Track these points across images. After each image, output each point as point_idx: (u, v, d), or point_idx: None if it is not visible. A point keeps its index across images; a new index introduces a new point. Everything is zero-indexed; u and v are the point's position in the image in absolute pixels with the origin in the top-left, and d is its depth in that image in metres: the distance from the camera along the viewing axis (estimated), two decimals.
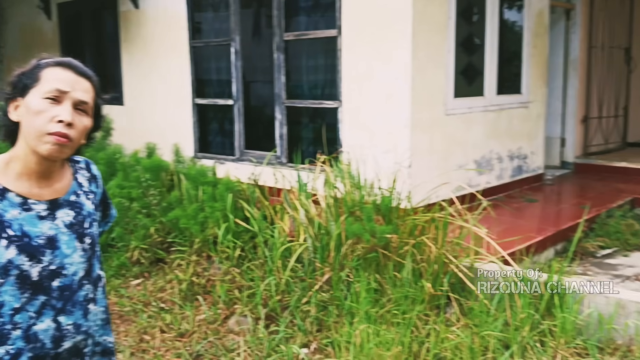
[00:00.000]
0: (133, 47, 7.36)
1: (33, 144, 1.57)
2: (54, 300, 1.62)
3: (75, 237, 1.67)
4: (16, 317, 1.57)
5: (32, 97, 1.57)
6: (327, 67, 5.59)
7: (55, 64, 1.61)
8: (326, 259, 3.99)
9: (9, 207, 1.57)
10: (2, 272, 1.54)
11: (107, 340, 1.86)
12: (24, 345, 1.59)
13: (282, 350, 3.39)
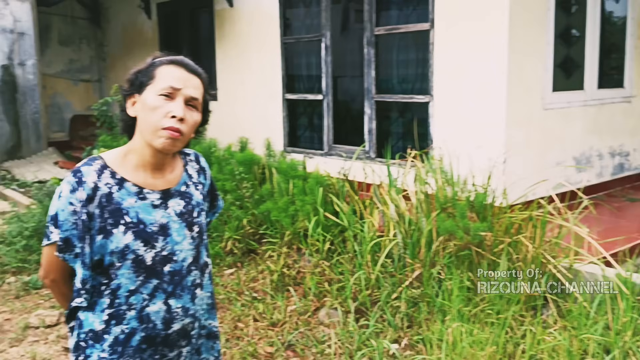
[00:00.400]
0: (227, 44, 7.58)
1: (148, 138, 1.66)
2: (165, 284, 1.71)
3: (185, 226, 1.75)
4: (131, 298, 1.68)
5: (148, 94, 1.66)
6: (419, 61, 5.52)
7: (169, 62, 1.70)
8: (417, 255, 3.95)
9: (127, 195, 1.67)
10: (120, 256, 1.65)
11: (212, 324, 1.93)
12: (138, 325, 1.69)
13: (372, 344, 3.39)
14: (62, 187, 1.65)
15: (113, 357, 1.68)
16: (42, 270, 1.75)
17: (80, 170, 1.65)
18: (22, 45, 9.52)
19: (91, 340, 1.69)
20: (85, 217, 1.61)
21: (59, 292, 1.78)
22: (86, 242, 1.62)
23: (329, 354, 3.41)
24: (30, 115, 9.68)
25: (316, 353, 3.44)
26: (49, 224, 1.66)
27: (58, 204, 1.64)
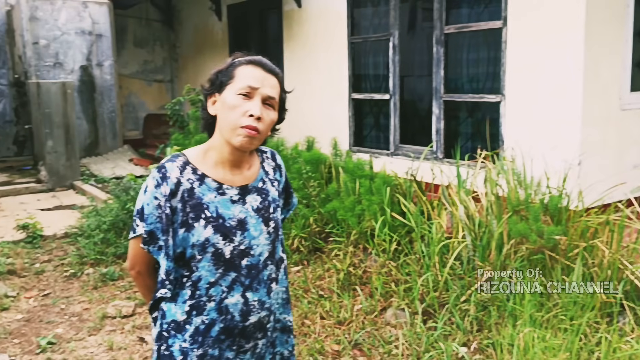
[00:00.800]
0: (294, 45, 7.67)
1: (227, 136, 1.72)
2: (242, 277, 1.76)
3: (261, 221, 1.80)
4: (211, 290, 1.74)
5: (227, 93, 1.72)
6: (490, 60, 5.41)
7: (247, 62, 1.76)
8: (487, 258, 3.88)
9: (207, 191, 1.74)
10: (200, 249, 1.71)
11: (287, 318, 1.97)
12: (217, 316, 1.75)
13: (440, 347, 3.36)
14: (147, 182, 1.73)
15: (194, 347, 1.74)
16: (129, 262, 1.84)
17: (165, 166, 1.72)
18: (99, 46, 9.96)
19: (173, 331, 1.76)
20: (168, 210, 1.68)
21: (143, 283, 1.86)
22: (169, 235, 1.69)
23: (396, 354, 3.40)
24: (107, 114, 10.11)
25: (383, 353, 3.44)
26: (135, 217, 1.74)
27: (144, 198, 1.72)
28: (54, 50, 9.60)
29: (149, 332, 3.97)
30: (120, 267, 5.13)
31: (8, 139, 10.04)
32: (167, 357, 1.77)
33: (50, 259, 5.46)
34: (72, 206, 7.33)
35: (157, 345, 1.80)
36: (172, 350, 1.76)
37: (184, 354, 1.75)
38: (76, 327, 4.10)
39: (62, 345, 3.84)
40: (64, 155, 8.49)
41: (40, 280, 4.98)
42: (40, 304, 4.52)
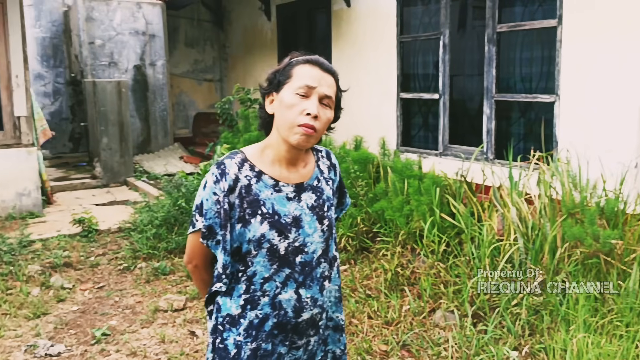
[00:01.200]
0: (343, 44, 7.68)
1: (284, 134, 1.74)
2: (296, 274, 1.78)
3: (316, 219, 1.82)
4: (265, 285, 1.77)
5: (285, 92, 1.75)
6: (544, 59, 5.29)
7: (305, 62, 1.78)
8: (539, 261, 3.80)
9: (264, 188, 1.77)
10: (256, 245, 1.74)
11: (339, 317, 1.98)
12: (270, 311, 1.78)
13: (490, 350, 3.32)
14: (207, 178, 1.76)
15: (247, 341, 1.77)
16: (187, 256, 1.88)
17: (224, 163, 1.76)
18: (153, 46, 10.20)
19: (228, 324, 1.80)
20: (226, 206, 1.72)
21: (200, 277, 1.90)
22: (227, 230, 1.73)
23: (445, 356, 3.37)
24: (159, 113, 10.35)
25: (432, 355, 3.42)
26: (195, 212, 1.79)
27: (203, 194, 1.76)
28: (109, 50, 9.89)
29: (199, 326, 4.06)
30: (171, 262, 5.25)
31: (64, 136, 10.40)
32: (221, 350, 1.80)
33: (104, 253, 5.64)
34: (126, 202, 7.54)
35: (213, 338, 1.84)
36: (227, 343, 1.79)
37: (238, 348, 1.78)
38: (129, 320, 4.22)
39: (115, 336, 3.96)
40: (118, 152, 8.74)
41: (95, 273, 5.15)
42: (95, 296, 4.67)
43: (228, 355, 1.79)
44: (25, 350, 3.75)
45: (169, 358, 3.63)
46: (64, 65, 10.39)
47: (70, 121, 10.46)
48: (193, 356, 3.64)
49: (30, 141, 6.95)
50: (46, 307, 4.39)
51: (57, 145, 10.20)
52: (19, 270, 4.97)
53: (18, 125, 6.89)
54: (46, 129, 7.56)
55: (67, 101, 10.43)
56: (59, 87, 10.36)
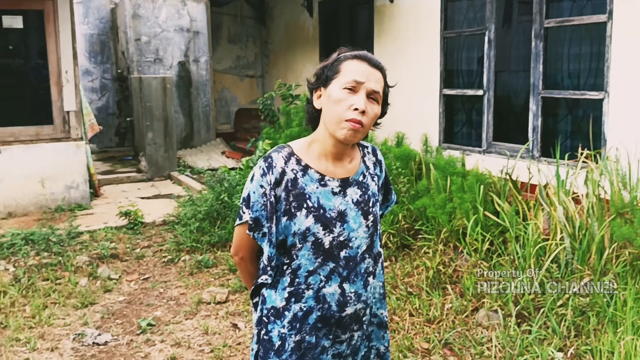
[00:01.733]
0: (385, 40, 7.64)
1: (332, 129, 1.75)
2: (340, 268, 1.79)
3: (361, 214, 1.82)
4: (310, 278, 1.78)
5: (333, 88, 1.75)
6: (592, 55, 5.16)
7: (353, 57, 1.78)
8: (586, 261, 3.72)
9: (309, 182, 1.78)
10: (301, 238, 1.75)
11: (383, 314, 1.98)
12: (314, 304, 1.79)
13: (535, 351, 3.26)
14: (254, 171, 1.78)
15: (292, 333, 1.79)
16: (233, 248, 1.91)
17: (271, 156, 1.78)
18: (197, 43, 10.35)
19: (273, 317, 1.81)
20: (273, 199, 1.74)
21: (246, 269, 1.93)
22: (273, 222, 1.74)
23: (488, 356, 3.34)
24: (202, 108, 10.51)
25: (475, 354, 3.38)
26: (242, 205, 1.81)
27: (250, 186, 1.78)
28: (154, 46, 10.08)
29: (241, 319, 4.11)
30: (214, 255, 5.33)
31: (111, 131, 10.66)
32: (266, 342, 1.82)
33: (149, 245, 5.76)
34: (169, 195, 7.69)
35: (258, 330, 1.86)
36: (272, 335, 1.81)
37: (282, 340, 1.79)
38: (173, 311, 4.31)
39: (160, 327, 4.05)
40: (162, 146, 8.92)
41: (140, 265, 5.27)
42: (140, 287, 4.78)
43: (272, 347, 1.80)
44: (73, 338, 3.87)
45: (212, 349, 3.69)
46: (111, 61, 10.64)
47: (116, 116, 10.71)
48: (236, 348, 3.70)
49: (79, 135, 7.14)
50: (93, 297, 4.52)
51: (103, 139, 10.47)
52: (68, 261, 5.13)
53: (67, 120, 7.10)
54: (94, 124, 7.76)
55: (113, 96, 10.68)
56: (106, 83, 10.62)
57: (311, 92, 1.86)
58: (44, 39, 6.95)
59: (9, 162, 6.64)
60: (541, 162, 5.29)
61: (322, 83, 1.80)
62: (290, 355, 1.79)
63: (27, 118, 7.10)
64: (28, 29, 7.03)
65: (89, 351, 3.73)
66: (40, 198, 6.82)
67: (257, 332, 1.86)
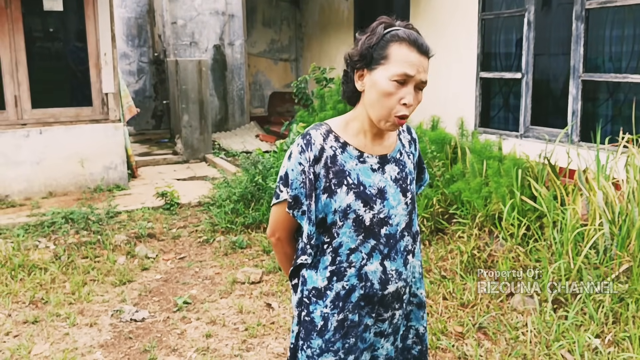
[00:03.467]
0: (421, 21, 7.54)
1: (376, 118, 1.71)
2: (381, 246, 1.77)
3: (399, 191, 1.80)
4: (351, 256, 1.76)
5: (381, 77, 1.66)
6: (635, 38, 5.00)
7: (402, 40, 1.67)
8: (626, 248, 3.64)
9: (349, 158, 1.75)
10: (342, 215, 1.73)
11: (422, 293, 1.98)
12: (357, 282, 1.77)
13: (571, 337, 3.22)
14: (292, 149, 1.76)
15: (334, 312, 1.77)
16: (270, 229, 1.88)
17: (310, 133, 1.75)
18: (231, 26, 10.39)
19: (314, 297, 1.79)
20: (312, 176, 1.71)
21: (282, 250, 1.90)
22: (312, 200, 1.71)
23: (523, 340, 3.31)
24: (236, 92, 10.57)
25: (509, 339, 3.36)
26: (279, 183, 1.78)
27: (288, 164, 1.75)
28: (190, 29, 10.16)
29: (275, 299, 4.16)
30: (248, 236, 5.39)
31: (147, 113, 10.81)
32: (308, 323, 1.80)
33: (185, 225, 5.85)
34: (205, 177, 7.79)
35: (298, 311, 1.85)
36: (313, 316, 1.79)
37: (325, 319, 1.77)
38: (209, 290, 4.38)
39: (196, 305, 4.12)
40: (198, 129, 9.01)
41: (176, 245, 5.36)
42: (177, 266, 4.87)
43: (315, 328, 1.79)
44: (112, 315, 3.97)
45: (246, 328, 3.75)
46: (147, 44, 10.76)
47: (153, 99, 10.86)
48: (270, 327, 3.75)
49: (117, 117, 7.27)
50: (131, 275, 4.62)
51: (140, 122, 10.63)
52: (106, 240, 5.25)
53: (106, 102, 7.23)
54: (131, 106, 7.89)
55: (150, 79, 10.82)
56: (143, 66, 10.76)
57: (353, 70, 1.76)
58: (83, 21, 7.06)
59: (49, 142, 6.81)
60: (581, 146, 5.17)
61: (367, 65, 1.70)
62: (334, 335, 1.77)
63: (67, 100, 7.26)
64: (67, 11, 7.15)
65: (127, 327, 3.82)
66: (80, 178, 6.98)
67: (298, 314, 1.84)
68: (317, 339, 1.78)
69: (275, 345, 3.54)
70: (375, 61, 1.68)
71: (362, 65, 1.72)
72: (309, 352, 1.79)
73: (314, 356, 1.79)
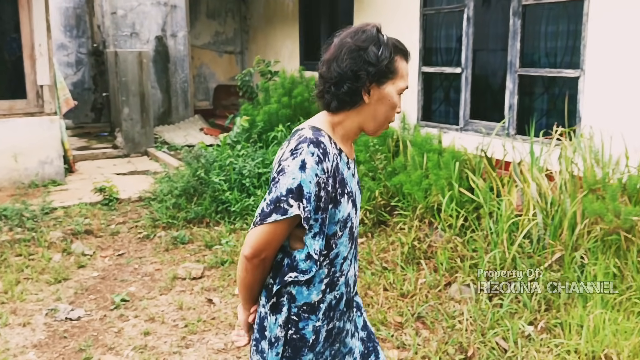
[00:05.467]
0: (365, 16, 7.58)
1: (373, 128, 1.71)
2: (354, 250, 1.79)
3: (360, 194, 1.81)
4: (344, 265, 1.74)
5: (390, 92, 1.68)
6: (569, 34, 5.17)
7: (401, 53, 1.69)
8: (558, 237, 3.77)
9: (344, 165, 1.69)
10: (343, 225, 1.68)
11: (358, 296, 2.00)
12: (344, 290, 1.77)
13: (505, 324, 3.31)
14: (304, 158, 1.56)
15: (324, 323, 1.72)
16: (254, 249, 1.61)
17: (322, 141, 1.60)
18: (174, 17, 10.18)
19: (305, 313, 1.68)
20: (329, 188, 1.60)
21: (263, 271, 1.69)
22: (327, 213, 1.62)
23: (459, 329, 3.38)
24: (179, 84, 10.38)
25: (447, 327, 3.43)
26: (286, 197, 1.56)
27: (302, 175, 1.55)
28: (130, 20, 9.90)
29: (216, 294, 4.11)
30: (190, 231, 5.30)
31: (86, 106, 10.49)
32: (297, 341, 1.69)
33: (124, 221, 5.71)
34: (146, 172, 7.62)
35: (284, 332, 1.69)
36: (304, 332, 1.69)
37: (316, 333, 1.70)
38: (148, 286, 4.29)
39: (134, 302, 4.03)
40: (139, 122, 8.80)
41: (115, 241, 5.23)
42: (115, 263, 4.74)
43: (306, 344, 1.69)
44: (46, 313, 3.84)
45: (186, 324, 3.69)
46: (86, 35, 10.43)
47: (92, 91, 10.54)
48: (210, 323, 3.70)
49: (53, 110, 7.02)
50: (67, 273, 4.48)
51: (79, 115, 10.30)
52: (41, 237, 5.07)
53: (41, 94, 6.96)
54: (69, 98, 7.63)
55: (89, 71, 10.50)
56: (81, 57, 10.42)
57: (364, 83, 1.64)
58: (17, 11, 6.77)
59: None
60: (516, 139, 5.32)
61: (376, 80, 1.64)
62: (323, 345, 1.72)
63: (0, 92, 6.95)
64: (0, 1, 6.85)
65: (62, 326, 3.70)
66: (14, 173, 6.70)
67: (284, 334, 1.69)
68: (309, 354, 1.70)
69: (215, 341, 3.50)
70: (385, 75, 1.65)
71: (372, 80, 1.64)
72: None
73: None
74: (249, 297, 1.75)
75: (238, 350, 3.40)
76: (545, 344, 3.14)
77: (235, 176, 5.72)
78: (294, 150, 1.57)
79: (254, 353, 1.75)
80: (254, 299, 1.76)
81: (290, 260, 1.65)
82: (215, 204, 5.59)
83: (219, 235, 5.16)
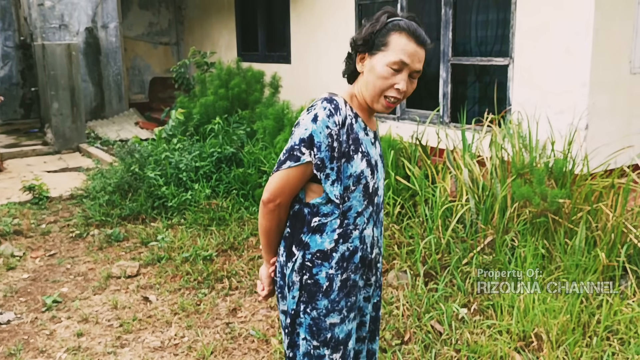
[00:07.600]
0: (301, 7, 7.55)
1: (369, 99, 1.82)
2: (374, 213, 1.91)
3: (382, 166, 1.97)
4: (358, 219, 1.86)
5: (379, 62, 1.77)
6: (499, 22, 5.31)
7: (402, 30, 1.76)
8: (489, 221, 3.87)
9: (360, 129, 1.84)
10: (356, 180, 1.81)
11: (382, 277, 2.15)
12: (358, 244, 1.88)
13: (440, 308, 3.38)
14: (316, 112, 1.74)
15: (338, 272, 1.84)
16: (271, 194, 1.80)
17: (335, 99, 1.78)
18: (105, 8, 9.85)
19: (319, 260, 1.83)
20: (342, 138, 1.76)
21: (278, 217, 1.85)
22: (341, 162, 1.77)
23: (396, 314, 3.43)
24: (112, 77, 10.07)
25: (384, 314, 3.47)
26: (298, 146, 1.74)
27: (313, 126, 1.73)
28: (59, 11, 9.52)
29: (153, 292, 4.02)
30: (125, 228, 5.16)
31: (15, 102, 10.04)
32: (311, 286, 1.83)
33: (56, 220, 5.51)
34: (78, 168, 7.37)
35: (299, 277, 1.84)
36: (318, 278, 1.82)
37: (330, 280, 1.83)
38: (81, 287, 4.15)
39: (67, 303, 3.90)
40: (69, 117, 8.49)
41: (46, 241, 5.03)
42: (46, 264, 4.57)
43: (320, 289, 1.83)
44: None
45: (121, 323, 3.59)
46: (13, 28, 9.97)
47: (20, 86, 10.09)
48: (146, 321, 3.61)
49: None
50: None
51: (7, 111, 9.85)
52: None
53: None
54: None
55: (17, 65, 10.04)
56: (8, 51, 9.96)
57: (355, 53, 1.85)
58: None
59: None
60: (450, 127, 5.43)
61: (368, 49, 1.79)
62: (338, 294, 1.84)
63: None
64: None
65: None
66: None
67: (299, 279, 1.84)
68: (323, 300, 1.83)
69: (152, 339, 3.43)
70: (376, 47, 1.78)
71: (364, 50, 1.80)
72: (315, 313, 1.84)
73: (320, 317, 1.84)
74: (267, 246, 1.92)
75: (175, 348, 3.34)
76: (478, 326, 3.22)
77: (171, 170, 5.60)
78: (310, 108, 1.79)
79: (279, 300, 1.94)
80: (273, 249, 1.93)
81: (310, 209, 1.82)
82: (152, 199, 5.46)
83: (156, 231, 5.04)
